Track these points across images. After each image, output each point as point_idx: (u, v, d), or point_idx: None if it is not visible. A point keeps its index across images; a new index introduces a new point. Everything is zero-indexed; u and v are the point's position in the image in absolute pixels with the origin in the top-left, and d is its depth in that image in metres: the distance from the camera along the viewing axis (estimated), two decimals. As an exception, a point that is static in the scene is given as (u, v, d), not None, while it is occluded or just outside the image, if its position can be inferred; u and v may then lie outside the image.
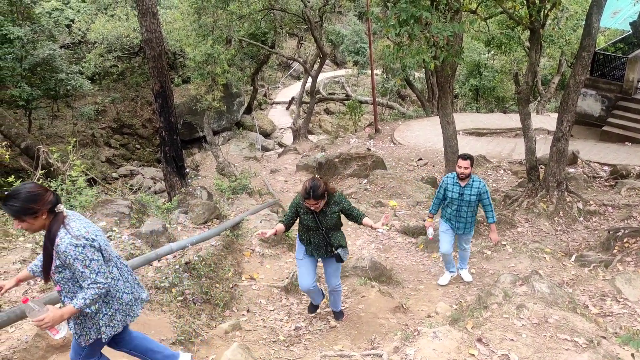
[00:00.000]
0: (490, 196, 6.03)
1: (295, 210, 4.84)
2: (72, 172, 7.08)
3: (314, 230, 4.85)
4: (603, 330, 4.36)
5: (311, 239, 4.90)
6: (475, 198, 5.99)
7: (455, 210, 6.13)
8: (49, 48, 19.08)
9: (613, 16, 15.80)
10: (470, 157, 5.92)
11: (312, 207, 4.63)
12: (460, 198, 6.02)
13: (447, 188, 6.11)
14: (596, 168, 13.00)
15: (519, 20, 10.25)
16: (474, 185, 5.98)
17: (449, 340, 3.87)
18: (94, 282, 3.04)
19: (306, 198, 4.55)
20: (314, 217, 4.77)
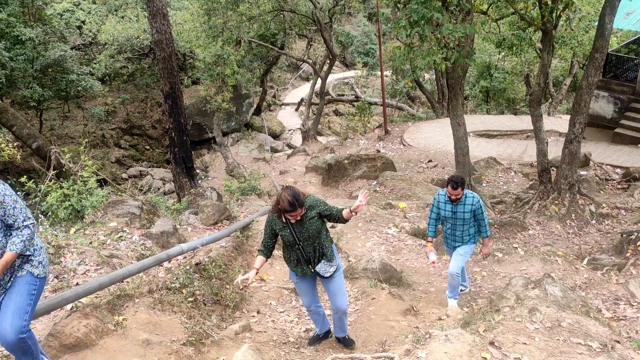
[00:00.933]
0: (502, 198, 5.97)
1: (272, 231, 4.40)
2: (84, 172, 7.12)
3: (291, 247, 4.42)
4: (617, 334, 4.31)
5: (291, 257, 4.48)
6: (470, 215, 5.66)
7: (450, 229, 5.85)
8: (60, 49, 19.24)
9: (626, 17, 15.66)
10: (461, 184, 5.50)
11: (295, 218, 4.22)
12: (454, 217, 5.71)
13: (440, 207, 5.79)
14: (608, 170, 12.88)
15: (530, 21, 10.18)
16: (467, 202, 5.63)
17: (461, 344, 3.83)
18: (27, 217, 3.12)
19: (291, 210, 4.13)
20: (291, 231, 4.32)
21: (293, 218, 4.25)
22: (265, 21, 20.54)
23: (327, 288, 4.60)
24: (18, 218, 3.10)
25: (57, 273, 4.95)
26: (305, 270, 4.48)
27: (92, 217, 6.53)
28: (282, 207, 4.15)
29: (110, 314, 4.34)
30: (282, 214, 4.29)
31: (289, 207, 4.12)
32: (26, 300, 3.22)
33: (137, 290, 4.83)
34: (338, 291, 4.56)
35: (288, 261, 4.54)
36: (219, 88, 18.17)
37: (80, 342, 3.94)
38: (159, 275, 5.33)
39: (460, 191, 5.46)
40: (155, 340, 4.20)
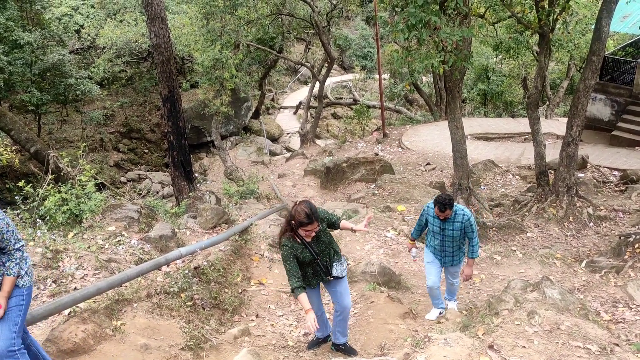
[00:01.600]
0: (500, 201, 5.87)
1: (295, 257, 4.21)
2: (82, 176, 7.11)
3: (308, 264, 4.32)
4: (616, 337, 4.31)
5: (307, 272, 4.38)
6: (459, 233, 5.31)
7: (440, 245, 5.49)
8: (59, 53, 19.23)
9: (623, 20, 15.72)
10: (449, 205, 5.11)
11: (313, 233, 4.08)
12: (442, 233, 5.38)
13: (429, 220, 5.50)
14: (606, 173, 12.90)
15: (528, 25, 10.22)
16: (456, 220, 5.25)
17: (460, 347, 3.83)
18: (17, 240, 3.18)
19: (308, 223, 3.98)
20: (310, 250, 4.24)
21: (308, 235, 4.09)
22: (264, 25, 20.57)
23: (334, 289, 4.56)
24: (10, 242, 3.15)
25: (55, 278, 4.94)
26: (323, 280, 4.45)
27: (90, 222, 6.52)
28: (299, 219, 3.99)
29: (108, 319, 4.33)
30: (294, 235, 4.12)
31: (305, 219, 3.96)
32: (15, 312, 3.23)
33: (135, 294, 4.83)
34: (344, 290, 4.58)
35: (303, 277, 4.33)
36: (218, 92, 18.18)
37: (78, 348, 3.93)
38: (157, 280, 5.32)
39: (449, 212, 5.14)
40: (153, 345, 4.19)
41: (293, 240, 4.18)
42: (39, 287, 4.83)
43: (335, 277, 4.43)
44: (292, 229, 4.12)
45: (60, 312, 4.15)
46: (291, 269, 4.18)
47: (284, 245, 4.21)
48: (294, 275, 4.16)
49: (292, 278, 4.16)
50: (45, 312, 3.84)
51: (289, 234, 4.18)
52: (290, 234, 4.17)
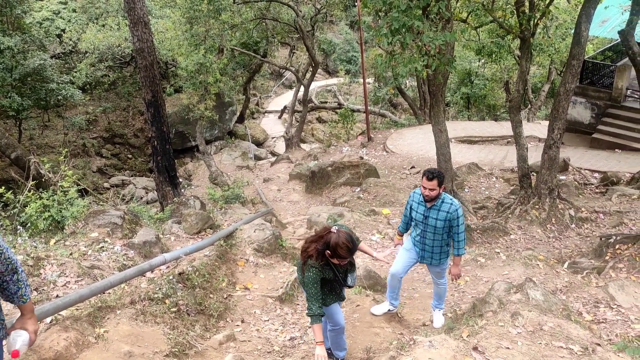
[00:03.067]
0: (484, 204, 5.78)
1: (320, 283, 4.06)
2: (64, 182, 7.03)
3: (328, 281, 4.21)
4: (597, 337, 4.37)
5: (325, 289, 4.23)
6: (443, 224, 4.87)
7: (420, 236, 5.09)
8: (40, 58, 19.00)
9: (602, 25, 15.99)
10: (437, 176, 4.74)
11: (343, 263, 3.97)
12: (425, 222, 4.96)
13: (412, 206, 5.10)
14: (587, 175, 13.09)
15: (509, 29, 10.36)
16: (442, 208, 4.85)
17: (445, 349, 3.86)
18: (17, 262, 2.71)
19: (350, 257, 3.88)
20: (334, 271, 4.15)
21: (340, 263, 3.95)
22: (248, 29, 20.55)
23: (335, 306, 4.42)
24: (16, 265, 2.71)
25: (37, 285, 4.86)
26: (339, 297, 4.38)
27: (72, 228, 6.44)
28: (340, 253, 3.84)
29: (91, 327, 4.27)
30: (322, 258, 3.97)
31: (347, 254, 3.84)
32: None
33: (118, 301, 4.77)
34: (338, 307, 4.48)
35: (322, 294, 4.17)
36: (202, 96, 18.11)
37: (60, 356, 3.88)
38: (141, 286, 5.26)
39: (436, 186, 4.72)
40: (137, 352, 4.15)
41: (322, 263, 4.03)
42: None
43: (348, 287, 4.35)
44: (324, 256, 3.95)
45: (41, 320, 4.09)
46: (315, 293, 4.01)
47: (312, 268, 4.00)
48: (317, 300, 4.00)
49: (315, 304, 3.98)
50: (27, 321, 3.78)
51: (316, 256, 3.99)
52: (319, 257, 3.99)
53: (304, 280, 4.10)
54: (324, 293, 4.20)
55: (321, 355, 3.90)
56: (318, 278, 4.01)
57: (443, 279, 5.43)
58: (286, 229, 10.31)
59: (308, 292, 4.04)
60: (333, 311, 4.41)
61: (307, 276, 4.02)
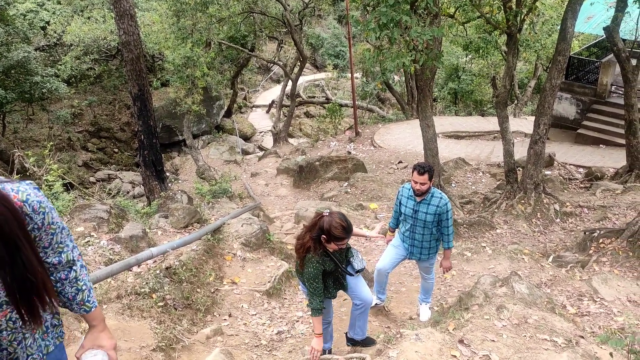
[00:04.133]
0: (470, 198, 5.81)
1: (322, 273, 3.96)
2: (49, 176, 6.96)
3: (330, 273, 4.10)
4: (581, 329, 4.43)
5: (328, 282, 4.15)
6: (432, 218, 4.89)
7: (409, 231, 5.09)
8: (24, 50, 18.73)
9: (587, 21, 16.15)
10: (429, 170, 4.77)
11: (342, 245, 3.87)
12: (414, 216, 4.98)
13: (402, 201, 5.09)
14: (572, 170, 13.25)
15: (496, 25, 10.41)
16: (432, 202, 4.87)
17: (431, 342, 3.89)
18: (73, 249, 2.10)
19: (346, 237, 3.79)
20: (335, 262, 4.05)
21: (340, 246, 3.86)
22: (235, 23, 20.43)
23: (354, 283, 4.33)
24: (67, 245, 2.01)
25: (22, 280, 4.82)
26: (343, 287, 4.30)
27: (58, 222, 6.37)
28: (335, 234, 3.75)
29: (76, 321, 4.25)
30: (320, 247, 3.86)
31: (344, 234, 3.74)
32: None
33: (105, 296, 4.75)
34: (362, 283, 4.40)
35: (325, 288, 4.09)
36: (189, 90, 17.99)
37: None
38: (128, 281, 5.24)
39: (427, 180, 4.74)
40: (124, 347, 4.14)
41: (321, 254, 3.93)
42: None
43: (358, 272, 4.25)
44: (321, 243, 3.89)
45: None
46: (318, 288, 3.93)
47: (312, 262, 3.89)
48: (319, 295, 3.94)
49: (317, 298, 3.93)
50: (11, 315, 3.75)
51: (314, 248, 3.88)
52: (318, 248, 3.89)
53: (303, 277, 4.01)
54: (329, 286, 4.15)
55: (318, 347, 3.93)
56: (319, 272, 3.91)
57: (431, 274, 5.47)
58: (274, 224, 10.30)
59: (309, 289, 3.96)
60: (355, 288, 4.36)
61: (307, 272, 3.91)
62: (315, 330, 4.01)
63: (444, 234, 5.04)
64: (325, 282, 4.08)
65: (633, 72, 11.31)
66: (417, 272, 7.20)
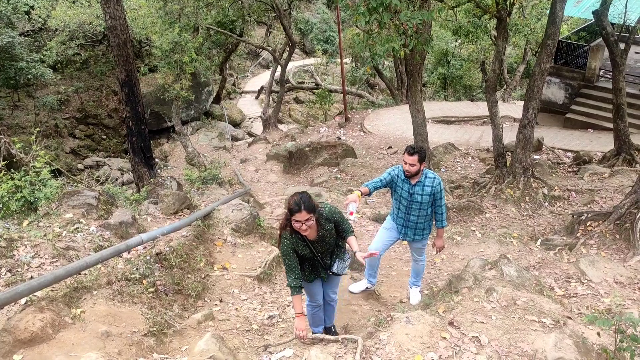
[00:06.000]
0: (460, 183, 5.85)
1: (295, 253, 4.03)
2: (36, 163, 6.87)
3: (308, 259, 4.18)
4: (568, 311, 4.50)
5: (306, 267, 4.23)
6: (428, 199, 4.99)
7: (404, 213, 5.15)
8: (8, 35, 18.39)
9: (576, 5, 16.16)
10: (419, 152, 4.84)
11: (304, 227, 3.81)
12: (410, 199, 5.03)
13: (397, 183, 5.11)
14: (560, 154, 13.34)
15: (485, 9, 10.38)
16: (426, 184, 4.97)
17: (421, 325, 3.93)
18: None
19: (296, 211, 3.74)
20: (310, 248, 4.09)
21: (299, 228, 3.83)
22: (224, 8, 20.17)
23: (329, 281, 4.51)
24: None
25: (10, 267, 4.78)
26: (322, 276, 4.36)
27: (46, 209, 6.32)
28: (288, 207, 3.82)
29: (67, 307, 4.24)
30: (293, 230, 3.93)
31: (294, 206, 3.75)
32: None
33: (95, 282, 4.73)
34: (335, 285, 4.61)
35: (301, 270, 4.16)
36: (177, 76, 17.78)
37: (36, 337, 3.84)
38: (118, 267, 5.22)
39: (416, 162, 4.82)
40: (115, 332, 4.13)
41: (295, 235, 3.98)
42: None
43: (334, 274, 4.35)
44: (290, 222, 3.92)
45: (16, 301, 4.03)
46: (290, 265, 4.01)
47: (284, 239, 4.01)
48: (293, 271, 4.00)
49: (291, 275, 4.00)
50: (1, 302, 3.73)
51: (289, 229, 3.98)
52: (291, 229, 3.96)
53: (281, 253, 4.13)
54: (305, 270, 4.24)
55: (300, 326, 3.95)
56: (289, 250, 4.00)
57: (423, 255, 5.55)
58: (264, 209, 10.30)
59: (284, 264, 4.08)
60: (314, 291, 4.47)
61: (281, 248, 4.07)
62: (295, 309, 4.06)
63: (437, 213, 5.14)
64: (303, 266, 4.17)
65: (621, 56, 11.36)
66: (407, 256, 7.26)
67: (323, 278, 4.41)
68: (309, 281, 4.34)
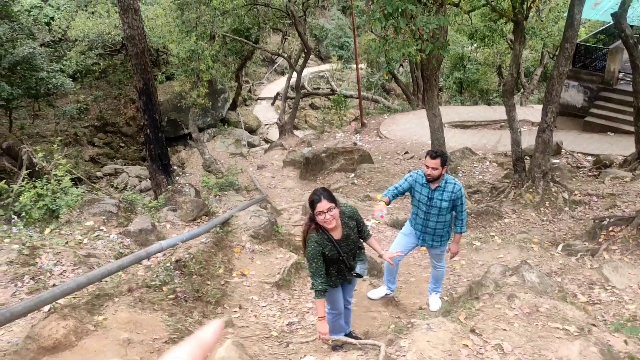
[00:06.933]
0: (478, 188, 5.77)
1: (322, 255, 4.01)
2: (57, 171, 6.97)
3: (334, 262, 4.17)
4: (593, 318, 4.42)
5: (332, 270, 4.22)
6: (448, 204, 4.94)
7: (423, 219, 5.11)
8: (29, 46, 18.75)
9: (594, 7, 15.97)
10: (441, 155, 4.84)
11: (328, 217, 3.83)
12: (429, 204, 4.99)
13: (415, 188, 5.06)
14: (580, 158, 13.16)
15: (502, 12, 10.32)
16: (446, 189, 4.91)
17: (442, 332, 3.89)
18: None
19: (316, 201, 3.81)
20: (337, 248, 4.08)
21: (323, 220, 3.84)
22: (239, 15, 20.33)
23: (346, 285, 4.53)
24: None
25: (33, 274, 4.85)
26: (346, 279, 4.38)
27: (67, 217, 6.41)
28: (309, 199, 3.89)
29: (89, 314, 4.28)
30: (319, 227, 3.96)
31: (314, 196, 3.83)
32: None
33: (116, 289, 4.77)
34: (353, 288, 4.71)
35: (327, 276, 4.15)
36: (194, 83, 17.95)
37: (59, 344, 3.88)
38: (138, 274, 5.27)
39: (438, 165, 4.78)
40: (136, 339, 4.16)
41: (322, 234, 3.98)
42: (16, 284, 4.74)
43: (357, 275, 4.38)
44: (315, 222, 3.94)
45: (39, 308, 4.09)
46: (317, 268, 4.00)
47: (312, 241, 3.99)
48: (319, 275, 3.99)
49: (317, 279, 3.98)
50: (24, 309, 3.78)
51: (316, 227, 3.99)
52: (316, 228, 3.98)
53: (307, 257, 4.12)
54: (331, 274, 4.24)
55: (323, 329, 3.95)
56: (317, 252, 3.99)
57: (442, 262, 5.50)
58: (281, 216, 10.31)
59: (310, 268, 4.07)
60: (336, 297, 4.46)
61: (307, 251, 4.05)
62: (318, 313, 4.06)
63: (457, 219, 5.11)
64: (329, 270, 4.16)
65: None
66: (426, 262, 7.21)
67: (349, 281, 4.42)
68: (334, 286, 4.32)
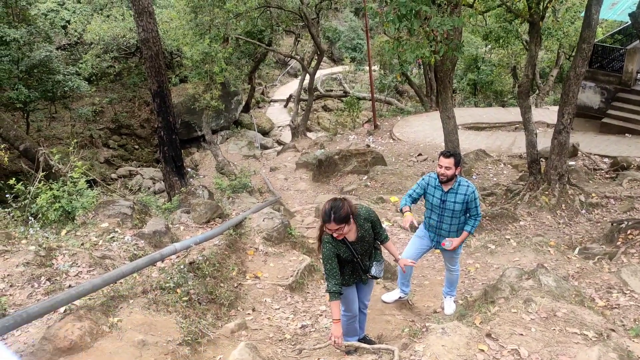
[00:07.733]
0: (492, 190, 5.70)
1: (337, 257, 4.02)
2: (73, 173, 7.04)
3: (348, 262, 4.16)
4: (611, 323, 4.34)
5: (346, 270, 4.20)
6: (461, 207, 4.92)
7: (436, 221, 5.11)
8: (46, 50, 19.01)
9: (611, 7, 15.77)
10: (454, 155, 4.83)
11: (335, 234, 3.83)
12: (442, 206, 4.97)
13: (428, 190, 5.05)
14: (597, 160, 12.99)
15: (517, 13, 10.23)
16: (459, 191, 4.89)
17: (457, 336, 3.85)
18: None
19: (325, 221, 3.78)
20: (351, 250, 4.06)
21: (333, 232, 3.83)
22: (252, 18, 20.42)
23: (362, 287, 4.48)
24: None
25: (49, 275, 4.89)
26: (361, 279, 4.34)
27: (83, 218, 6.46)
28: (322, 211, 3.84)
29: (104, 316, 4.29)
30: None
31: (324, 216, 3.78)
32: None
33: (131, 291, 4.79)
34: (370, 291, 4.63)
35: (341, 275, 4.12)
36: (207, 86, 18.06)
37: (74, 345, 3.90)
38: (152, 276, 5.28)
39: (452, 165, 4.76)
40: (151, 341, 4.17)
41: (335, 239, 3.96)
42: (33, 285, 4.78)
43: (373, 277, 4.34)
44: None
45: (55, 310, 4.11)
46: (331, 270, 3.98)
47: (326, 243, 3.99)
48: (333, 276, 3.97)
49: (331, 280, 3.97)
50: (41, 311, 3.80)
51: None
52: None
53: (322, 258, 4.10)
54: (345, 274, 4.21)
55: (337, 333, 3.92)
56: (332, 254, 3.98)
57: (456, 265, 5.45)
58: (294, 218, 10.30)
59: (325, 269, 4.06)
60: (350, 298, 4.41)
61: (322, 252, 4.03)
62: (333, 315, 4.01)
63: (469, 217, 5.05)
64: (342, 270, 4.13)
65: (660, 59, 11.03)
66: (440, 265, 7.15)
67: (363, 281, 4.36)
68: (348, 285, 4.28)
